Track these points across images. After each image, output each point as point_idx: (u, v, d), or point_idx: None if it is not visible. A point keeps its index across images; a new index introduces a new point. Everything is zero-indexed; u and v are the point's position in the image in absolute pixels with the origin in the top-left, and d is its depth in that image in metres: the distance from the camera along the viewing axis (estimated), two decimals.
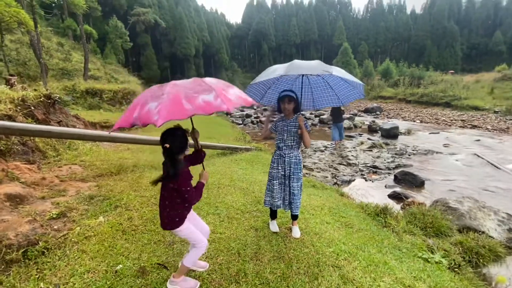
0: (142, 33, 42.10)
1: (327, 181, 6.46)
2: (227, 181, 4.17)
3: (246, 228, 2.73)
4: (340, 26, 60.07)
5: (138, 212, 2.90)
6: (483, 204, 4.36)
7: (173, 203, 1.76)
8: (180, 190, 1.72)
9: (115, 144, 6.30)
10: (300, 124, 2.48)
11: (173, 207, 1.77)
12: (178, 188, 1.71)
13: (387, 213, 3.80)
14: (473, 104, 17.91)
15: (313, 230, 2.84)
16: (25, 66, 15.89)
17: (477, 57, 54.10)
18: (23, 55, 16.85)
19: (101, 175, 4.01)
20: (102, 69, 23.52)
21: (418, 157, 8.72)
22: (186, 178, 1.75)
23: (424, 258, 2.84)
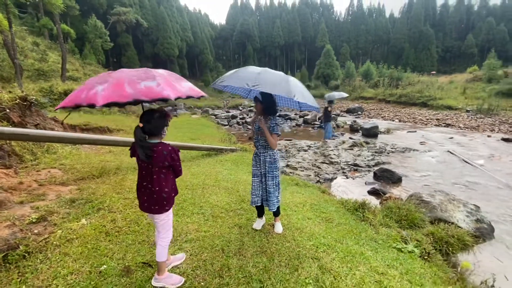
0: (123, 33, 41.05)
1: (310, 180, 6.64)
2: (211, 182, 4.22)
3: (230, 225, 2.81)
4: (323, 29, 61.39)
5: (122, 214, 2.90)
6: (453, 197, 4.67)
7: (169, 180, 1.88)
8: (175, 165, 1.86)
9: (96, 147, 6.17)
10: (260, 125, 2.56)
11: (170, 183, 1.89)
12: (174, 163, 1.84)
13: (365, 208, 4.00)
14: (447, 104, 18.92)
15: (295, 226, 2.97)
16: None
17: (451, 59, 57.02)
18: None
19: (82, 179, 3.95)
20: (81, 70, 22.76)
21: (396, 154, 9.13)
22: (177, 152, 1.87)
23: (398, 248, 3.03)
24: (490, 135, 11.52)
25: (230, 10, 70.52)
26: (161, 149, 1.80)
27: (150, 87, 1.50)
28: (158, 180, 1.84)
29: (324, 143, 10.19)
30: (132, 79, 1.52)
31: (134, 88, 1.47)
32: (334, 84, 35.16)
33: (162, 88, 1.52)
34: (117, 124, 9.76)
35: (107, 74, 1.62)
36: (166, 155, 1.81)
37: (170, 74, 1.73)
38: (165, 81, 1.58)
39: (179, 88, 1.62)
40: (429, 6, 61.17)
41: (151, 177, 1.84)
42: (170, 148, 1.83)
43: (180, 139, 8.70)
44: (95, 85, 1.50)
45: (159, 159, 1.79)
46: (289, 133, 13.92)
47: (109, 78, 1.54)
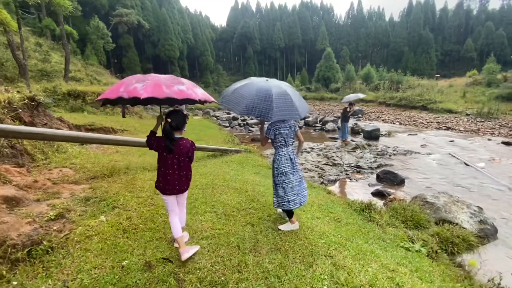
0: (124, 34, 41.22)
1: (314, 181, 6.72)
2: (220, 182, 4.29)
3: (243, 224, 2.88)
4: (323, 31, 61.72)
5: (137, 212, 2.97)
6: (457, 198, 4.76)
7: (187, 166, 2.29)
8: (193, 155, 2.30)
9: (103, 147, 6.24)
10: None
11: (189, 169, 2.31)
12: (192, 154, 2.28)
13: (372, 209, 4.08)
14: (447, 107, 19.05)
15: (305, 225, 3.04)
16: (1, 67, 15.16)
17: (450, 63, 57.37)
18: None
19: (94, 178, 4.01)
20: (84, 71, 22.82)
21: (398, 157, 9.22)
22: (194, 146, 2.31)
23: (406, 248, 3.11)
24: (490, 139, 11.63)
25: (231, 12, 70.88)
26: (185, 143, 2.22)
27: (181, 90, 1.92)
28: (185, 166, 2.25)
29: (344, 143, 10.49)
30: (166, 82, 1.90)
31: (170, 89, 1.85)
32: (334, 87, 35.33)
33: (191, 91, 1.98)
34: (121, 125, 9.83)
35: (141, 76, 1.99)
36: (189, 147, 2.24)
37: (190, 83, 2.12)
38: (190, 86, 2.03)
39: (198, 93, 2.06)
40: (429, 10, 61.65)
41: (178, 164, 2.21)
42: (191, 141, 2.27)
43: None
44: (133, 83, 1.83)
45: (184, 150, 2.20)
46: None
47: (146, 79, 1.88)
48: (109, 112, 13.01)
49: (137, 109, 17.75)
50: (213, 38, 63.92)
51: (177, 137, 2.18)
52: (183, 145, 2.20)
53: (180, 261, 2.14)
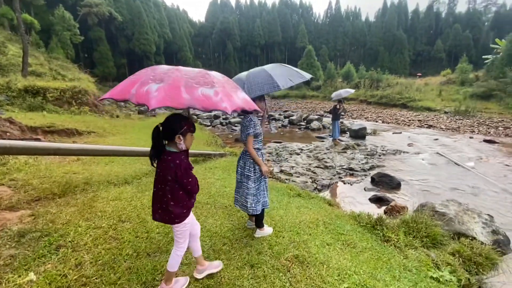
0: (95, 26, 38.36)
1: (307, 187, 6.15)
2: (205, 198, 3.53)
3: (238, 265, 2.16)
4: (302, 29, 61.89)
5: (91, 254, 2.15)
6: (466, 206, 4.36)
7: (177, 195, 1.69)
8: (182, 182, 1.65)
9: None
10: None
11: (179, 198, 1.70)
12: (179, 180, 1.64)
13: (383, 225, 3.53)
14: (426, 105, 19.47)
15: (318, 258, 2.39)
16: None
17: (422, 63, 59.97)
18: None
19: (39, 199, 3.09)
20: (47, 65, 20.61)
21: (388, 157, 8.93)
22: (186, 169, 1.66)
23: (436, 279, 2.57)
24: (472, 137, 11.80)
25: (210, 7, 68.96)
26: (170, 160, 1.63)
27: (207, 96, 1.33)
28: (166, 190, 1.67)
29: (334, 143, 10.15)
30: (189, 82, 1.36)
31: (191, 94, 1.30)
32: (316, 85, 35.31)
33: (220, 99, 1.35)
34: (87, 126, 8.65)
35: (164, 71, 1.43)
36: (171, 168, 1.62)
37: (227, 81, 1.55)
38: (223, 90, 1.40)
39: (235, 99, 1.44)
40: (402, 11, 63.89)
41: (160, 183, 1.69)
42: (177, 162, 1.62)
43: None
44: (149, 81, 1.34)
45: (165, 170, 1.64)
46: (277, 135, 13.41)
47: (166, 77, 1.36)
48: (74, 111, 11.58)
49: (109, 107, 16.27)
50: (191, 33, 61.78)
51: (167, 149, 1.65)
52: (167, 161, 1.63)
53: None
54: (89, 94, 13.04)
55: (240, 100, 1.48)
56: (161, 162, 1.67)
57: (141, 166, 4.90)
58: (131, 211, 2.94)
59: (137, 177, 4.21)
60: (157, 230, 2.58)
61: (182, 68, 1.48)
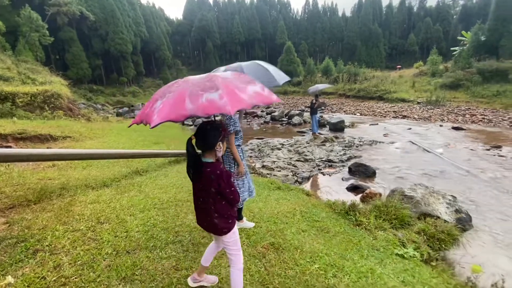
0: (65, 26, 36.56)
1: (289, 180, 6.34)
2: (185, 195, 3.60)
3: (217, 256, 2.27)
4: (281, 26, 62.25)
5: (69, 256, 2.18)
6: (432, 189, 4.72)
7: (220, 206, 1.63)
8: (223, 193, 1.59)
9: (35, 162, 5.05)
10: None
11: (222, 210, 1.64)
12: (222, 191, 1.58)
13: (356, 210, 3.77)
14: (400, 96, 20.37)
15: (292, 244, 2.55)
16: None
17: (396, 56, 62.23)
18: None
19: (12, 207, 3.02)
20: (15, 68, 19.48)
21: (364, 148, 9.34)
22: (229, 179, 1.60)
23: (400, 255, 2.81)
24: (442, 125, 12.54)
25: (187, 4, 67.58)
26: (210, 172, 1.56)
27: (212, 101, 1.27)
28: (210, 202, 1.62)
29: (313, 136, 10.46)
30: (194, 90, 1.31)
31: (195, 103, 1.25)
32: (296, 80, 35.79)
33: (225, 101, 1.27)
34: (62, 131, 8.35)
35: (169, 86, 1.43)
36: (213, 180, 1.56)
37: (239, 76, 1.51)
38: (228, 91, 1.33)
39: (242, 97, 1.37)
40: (377, 6, 65.79)
41: (202, 197, 1.65)
42: (218, 173, 1.56)
43: (141, 144, 7.74)
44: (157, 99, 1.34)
45: (206, 183, 1.59)
46: (259, 131, 13.57)
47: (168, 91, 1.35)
48: (47, 116, 11.11)
49: (85, 110, 15.72)
50: (169, 31, 60.36)
51: (205, 161, 1.59)
52: (207, 173, 1.57)
53: None
54: (62, 98, 12.54)
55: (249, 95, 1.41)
56: (199, 175, 1.61)
57: (120, 169, 4.87)
58: (110, 212, 2.97)
59: (116, 180, 4.19)
60: (137, 229, 2.64)
61: (191, 78, 1.46)
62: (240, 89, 1.41)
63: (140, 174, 4.64)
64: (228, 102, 1.27)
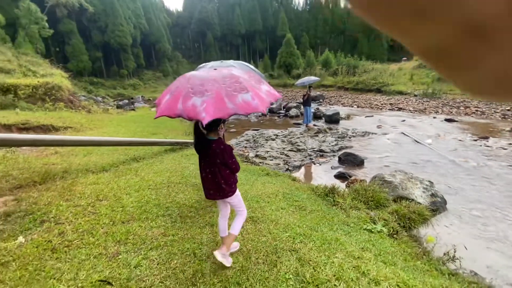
0: (65, 18, 36.49)
1: (280, 168, 6.65)
2: (177, 179, 3.92)
3: (201, 225, 2.60)
4: (283, 18, 61.63)
5: (72, 225, 2.51)
6: (411, 175, 5.01)
7: (225, 174, 1.99)
8: (228, 162, 1.96)
9: (38, 149, 5.37)
10: None
11: (227, 177, 2.01)
12: (226, 161, 1.95)
13: (335, 192, 4.08)
14: (398, 89, 20.46)
15: (270, 218, 2.86)
16: None
17: (398, 48, 61.63)
18: None
19: (20, 187, 3.36)
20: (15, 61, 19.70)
21: (357, 138, 9.60)
22: (231, 151, 2.00)
23: (369, 230, 3.12)
24: (436, 117, 12.74)
25: None
26: (215, 147, 1.93)
27: (247, 102, 1.50)
28: (218, 172, 1.97)
29: (307, 128, 10.70)
30: (228, 91, 1.50)
31: (234, 103, 1.47)
32: (296, 73, 35.75)
33: (257, 103, 1.51)
34: (64, 122, 8.67)
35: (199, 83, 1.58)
36: (218, 153, 1.93)
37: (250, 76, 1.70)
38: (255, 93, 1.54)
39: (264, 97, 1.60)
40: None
41: (209, 168, 1.98)
42: (222, 147, 1.94)
43: (140, 134, 8.05)
44: (190, 95, 1.51)
45: (213, 156, 1.94)
46: (256, 123, 13.83)
47: (204, 89, 1.51)
48: (49, 107, 11.42)
49: (85, 102, 15.99)
50: (169, 23, 59.95)
51: (210, 139, 1.94)
52: (213, 148, 1.93)
53: (121, 282, 1.80)
54: (63, 90, 12.82)
55: (266, 95, 1.66)
56: (206, 150, 1.96)
57: (119, 156, 5.18)
58: (108, 192, 3.29)
59: (114, 165, 4.51)
60: (131, 205, 2.96)
61: (215, 76, 1.64)
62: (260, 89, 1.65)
63: (137, 161, 4.96)
64: (259, 103, 1.51)
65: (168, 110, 1.59)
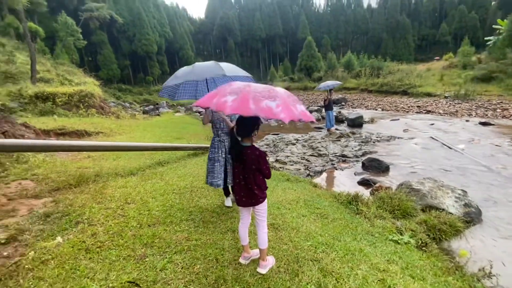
0: (97, 30, 39.12)
1: (300, 173, 6.58)
2: (200, 183, 4.02)
3: (223, 231, 2.64)
4: (303, 20, 61.37)
5: (103, 227, 2.66)
6: (441, 183, 4.74)
7: (258, 180, 2.06)
8: (262, 169, 2.03)
9: (73, 153, 5.77)
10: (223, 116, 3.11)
11: (260, 183, 2.07)
12: (261, 166, 2.02)
13: (359, 200, 3.96)
14: (426, 91, 19.45)
15: (290, 225, 2.85)
16: None
17: (427, 47, 58.76)
18: None
19: (57, 189, 3.63)
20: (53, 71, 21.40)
21: (382, 143, 9.26)
22: (265, 157, 2.08)
23: (395, 240, 2.99)
24: (468, 120, 11.95)
25: (209, 3, 68.98)
26: (250, 153, 2.00)
27: (270, 107, 1.60)
28: (252, 179, 2.03)
29: (328, 132, 10.57)
30: (257, 96, 1.65)
31: (257, 106, 1.60)
32: (317, 76, 35.31)
33: (280, 110, 1.61)
34: (95, 127, 9.24)
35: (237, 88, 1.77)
36: (254, 159, 2.00)
37: (289, 96, 1.82)
38: (283, 103, 1.67)
39: (294, 111, 1.70)
40: None
41: (243, 175, 2.05)
42: (257, 153, 2.02)
43: (164, 139, 8.37)
44: (226, 95, 1.71)
45: (248, 161, 2.01)
46: (276, 127, 13.82)
47: (238, 91, 1.71)
48: (82, 113, 12.25)
49: (114, 108, 16.93)
50: (191, 30, 62.09)
51: (244, 145, 2.02)
52: (248, 155, 2.00)
53: (148, 284, 1.88)
54: (95, 97, 13.68)
55: (299, 112, 1.73)
56: (241, 156, 2.02)
57: (145, 160, 5.43)
58: (135, 195, 3.46)
59: (141, 169, 4.73)
60: (157, 209, 3.09)
61: (252, 85, 1.80)
62: (292, 105, 1.75)
63: (162, 165, 5.16)
64: (283, 111, 1.60)
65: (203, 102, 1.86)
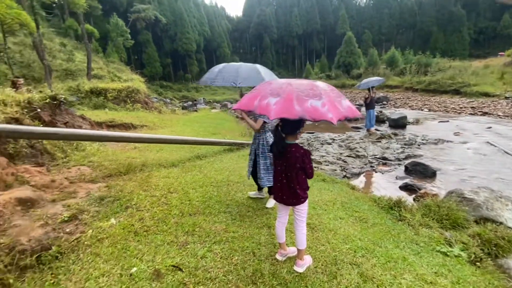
0: (143, 30, 41.96)
1: (336, 174, 6.36)
2: (236, 178, 4.12)
3: (259, 226, 2.68)
4: (343, 15, 58.83)
5: (149, 212, 2.87)
6: (500, 194, 4.22)
7: (301, 179, 2.00)
8: (306, 167, 1.96)
9: (122, 144, 6.30)
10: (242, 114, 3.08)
11: (303, 182, 2.02)
12: (305, 165, 1.95)
13: (401, 206, 3.71)
14: (483, 90, 17.43)
15: (327, 227, 2.78)
16: (29, 68, 15.97)
17: (485, 41, 52.53)
18: (26, 57, 16.94)
19: (110, 176, 4.00)
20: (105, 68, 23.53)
21: (428, 146, 8.54)
22: (310, 156, 2.01)
23: (443, 252, 2.75)
24: None
25: (247, 1, 69.56)
26: (294, 151, 1.93)
27: (316, 108, 1.50)
28: (294, 177, 1.96)
29: (368, 133, 10.10)
30: (300, 95, 1.54)
31: (302, 106, 1.49)
32: (356, 73, 33.73)
33: (327, 110, 1.50)
34: (140, 120, 9.96)
35: (278, 85, 1.69)
36: (298, 157, 1.93)
37: (332, 90, 1.71)
38: (329, 101, 1.56)
39: (340, 109, 1.59)
40: None
41: (285, 173, 1.99)
42: (302, 151, 1.94)
43: (202, 134, 8.71)
44: (268, 95, 1.63)
45: (292, 159, 1.94)
46: (311, 126, 13.53)
47: (281, 92, 1.60)
48: (129, 108, 13.28)
49: (157, 104, 18.05)
50: (229, 29, 63.36)
51: (289, 143, 1.95)
52: (292, 152, 1.93)
53: (190, 270, 1.98)
54: (140, 93, 14.72)
55: (344, 109, 1.61)
56: (285, 154, 1.94)
57: (185, 153, 5.71)
58: (177, 185, 3.67)
59: (182, 161, 5.00)
60: (197, 199, 3.24)
61: (293, 82, 1.67)
62: (337, 101, 1.63)
63: (200, 159, 5.39)
64: (330, 111, 1.48)
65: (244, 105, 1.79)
